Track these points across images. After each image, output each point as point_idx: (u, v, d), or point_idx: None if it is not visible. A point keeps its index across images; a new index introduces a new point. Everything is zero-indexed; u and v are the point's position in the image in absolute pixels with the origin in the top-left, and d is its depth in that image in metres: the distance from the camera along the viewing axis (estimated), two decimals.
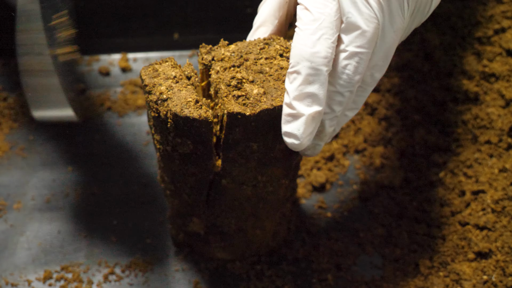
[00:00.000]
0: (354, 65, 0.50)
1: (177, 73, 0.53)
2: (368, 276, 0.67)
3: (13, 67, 0.88)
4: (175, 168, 0.56)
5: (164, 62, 0.54)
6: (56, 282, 0.66)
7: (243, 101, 0.51)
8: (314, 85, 0.49)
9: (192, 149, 0.53)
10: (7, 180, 0.75)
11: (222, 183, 0.57)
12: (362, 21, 0.48)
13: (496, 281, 0.62)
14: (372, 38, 0.49)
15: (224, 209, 0.60)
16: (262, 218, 0.63)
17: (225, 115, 0.51)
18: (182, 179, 0.57)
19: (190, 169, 0.55)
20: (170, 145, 0.54)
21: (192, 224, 0.64)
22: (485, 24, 0.77)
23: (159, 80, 0.52)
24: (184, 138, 0.52)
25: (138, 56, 0.91)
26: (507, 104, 0.72)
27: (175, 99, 0.51)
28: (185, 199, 0.60)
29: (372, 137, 0.78)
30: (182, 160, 0.55)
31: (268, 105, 0.50)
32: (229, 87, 0.51)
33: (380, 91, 0.81)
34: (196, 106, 0.51)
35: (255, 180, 0.57)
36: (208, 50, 0.55)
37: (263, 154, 0.54)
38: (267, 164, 0.56)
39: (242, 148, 0.53)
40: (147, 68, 0.54)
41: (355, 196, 0.74)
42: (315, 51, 0.48)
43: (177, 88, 0.52)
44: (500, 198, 0.66)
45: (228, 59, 0.53)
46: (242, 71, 0.52)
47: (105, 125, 0.82)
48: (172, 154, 0.54)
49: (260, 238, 0.66)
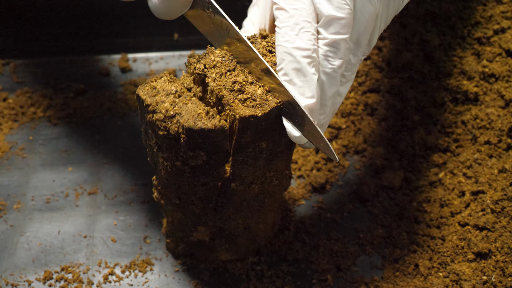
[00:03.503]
0: (333, 51, 0.51)
1: (177, 87, 0.52)
2: (368, 277, 0.67)
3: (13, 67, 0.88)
4: (184, 182, 0.56)
5: (159, 78, 0.53)
6: (56, 283, 0.66)
7: (250, 103, 0.50)
8: (302, 78, 0.50)
9: (205, 159, 0.52)
10: (7, 180, 0.75)
11: (231, 187, 0.56)
12: (333, 9, 0.51)
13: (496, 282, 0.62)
14: (347, 23, 0.51)
15: (233, 212, 0.60)
16: (266, 212, 0.63)
17: (236, 121, 0.50)
18: (191, 191, 0.57)
19: (201, 179, 0.55)
20: (180, 160, 0.53)
21: (196, 234, 0.64)
22: (484, 25, 0.77)
23: (160, 97, 0.51)
24: (197, 150, 0.51)
25: (138, 56, 0.91)
26: (506, 105, 0.72)
27: (184, 113, 0.50)
28: (192, 210, 0.60)
29: (372, 138, 0.78)
30: (193, 172, 0.54)
31: (276, 102, 0.51)
32: (233, 92, 0.51)
33: (380, 91, 0.81)
34: (208, 116, 0.50)
35: (263, 177, 0.57)
36: (198, 59, 0.54)
37: (271, 150, 0.54)
38: (273, 159, 0.56)
39: (252, 149, 0.53)
40: (143, 87, 0.52)
41: (355, 197, 0.74)
42: (296, 45, 0.50)
43: (182, 102, 0.51)
44: (499, 198, 0.66)
45: (220, 64, 0.53)
46: (240, 74, 0.52)
47: (105, 125, 0.82)
48: (182, 168, 0.54)
49: (263, 232, 0.66)
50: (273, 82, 0.51)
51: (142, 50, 0.91)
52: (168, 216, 0.64)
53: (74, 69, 0.89)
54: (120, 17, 0.89)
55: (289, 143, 0.55)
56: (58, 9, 0.88)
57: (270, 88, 0.51)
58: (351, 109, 0.80)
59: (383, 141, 0.78)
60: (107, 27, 0.90)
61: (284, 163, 0.58)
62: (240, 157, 0.53)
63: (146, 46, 0.91)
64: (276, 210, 0.66)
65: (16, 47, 0.90)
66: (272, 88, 0.51)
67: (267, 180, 0.58)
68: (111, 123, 0.82)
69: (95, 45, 0.90)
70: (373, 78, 0.81)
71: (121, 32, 0.90)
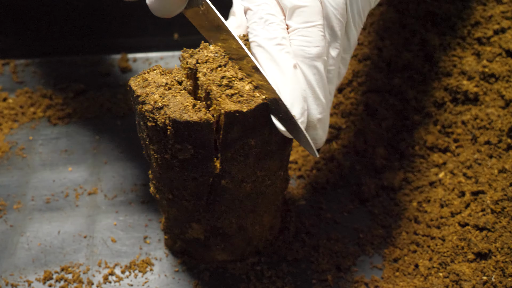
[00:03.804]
0: (307, 40, 0.52)
1: (167, 80, 0.53)
2: (368, 277, 0.67)
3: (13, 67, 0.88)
4: (175, 175, 0.56)
5: (152, 70, 0.54)
6: (56, 283, 0.66)
7: (237, 98, 0.51)
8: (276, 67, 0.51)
9: (192, 153, 0.53)
10: (7, 180, 0.75)
11: (222, 184, 0.57)
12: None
13: (496, 282, 0.62)
14: (313, 11, 0.52)
15: (225, 210, 0.60)
16: (261, 213, 0.63)
17: (222, 115, 0.51)
18: (182, 185, 0.57)
19: (191, 174, 0.55)
20: (169, 153, 0.53)
21: (191, 231, 0.64)
22: (484, 25, 0.77)
23: (150, 89, 0.52)
24: (184, 143, 0.52)
25: (138, 56, 0.91)
26: (506, 105, 0.72)
27: (172, 105, 0.51)
28: (185, 205, 0.60)
29: (372, 138, 0.78)
30: (182, 166, 0.55)
31: (262, 99, 0.51)
32: (221, 87, 0.52)
33: (380, 91, 0.81)
34: (194, 109, 0.51)
35: (254, 176, 0.57)
36: (191, 54, 0.54)
37: (261, 149, 0.55)
38: (264, 158, 0.56)
39: (240, 146, 0.53)
40: (135, 78, 0.53)
41: (355, 197, 0.74)
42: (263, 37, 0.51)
43: (171, 94, 0.52)
44: (499, 198, 0.66)
45: (212, 60, 0.54)
46: (230, 70, 0.53)
47: (105, 125, 0.82)
48: (171, 161, 0.54)
49: (259, 233, 0.66)
50: (261, 79, 0.52)
51: (142, 50, 0.91)
52: (164, 212, 0.64)
53: (74, 69, 0.89)
54: (120, 17, 0.89)
55: (282, 143, 0.56)
56: (58, 9, 0.88)
57: (258, 84, 0.52)
58: (351, 109, 0.80)
59: (383, 141, 0.78)
60: (107, 27, 0.90)
61: (277, 163, 0.58)
62: (228, 154, 0.54)
63: (146, 46, 0.91)
64: (274, 213, 0.66)
65: (16, 47, 0.90)
66: (260, 85, 0.52)
67: (258, 179, 0.58)
68: (111, 123, 0.82)
69: (95, 45, 0.90)
70: (373, 78, 0.81)
71: (121, 32, 0.90)
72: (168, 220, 0.65)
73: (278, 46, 0.51)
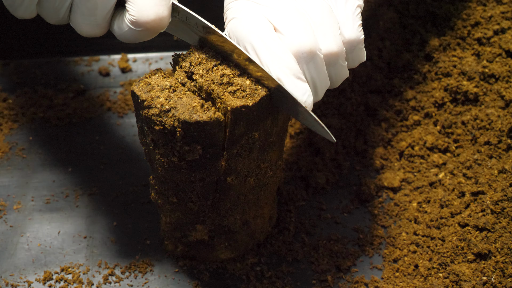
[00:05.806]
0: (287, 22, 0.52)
1: (171, 82, 0.53)
2: (367, 277, 0.67)
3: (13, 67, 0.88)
4: (181, 178, 0.56)
5: (153, 74, 0.54)
6: (56, 283, 0.66)
7: (240, 94, 0.51)
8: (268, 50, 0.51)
9: (201, 153, 0.53)
10: (7, 181, 0.75)
11: (227, 181, 0.57)
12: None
13: (496, 282, 0.62)
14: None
15: (230, 207, 0.60)
16: (262, 205, 0.63)
17: (228, 113, 0.51)
18: (188, 187, 0.57)
19: (198, 175, 0.55)
20: (176, 155, 0.53)
21: (195, 233, 0.64)
22: (484, 25, 0.77)
23: (155, 92, 0.52)
24: (193, 144, 0.52)
25: (138, 56, 0.91)
26: (506, 105, 0.72)
27: (179, 107, 0.51)
28: (190, 207, 0.60)
29: (372, 138, 0.78)
30: (190, 167, 0.54)
31: (265, 91, 0.51)
32: (222, 85, 0.52)
33: (380, 92, 0.81)
34: (203, 109, 0.51)
35: (258, 169, 0.57)
36: (183, 58, 0.54)
37: (263, 141, 0.55)
38: (267, 150, 0.56)
39: (245, 140, 0.54)
40: (138, 83, 0.53)
41: (355, 197, 0.74)
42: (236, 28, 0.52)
43: (177, 96, 0.52)
44: (499, 199, 0.66)
45: (205, 61, 0.53)
46: (227, 68, 0.53)
47: (105, 126, 0.82)
48: (178, 164, 0.54)
49: (261, 226, 0.66)
50: (258, 69, 0.52)
51: (142, 50, 0.91)
52: (166, 217, 0.64)
53: (74, 69, 0.89)
54: None
55: (280, 132, 0.56)
56: None
57: (257, 76, 0.52)
58: (351, 110, 0.80)
59: (383, 141, 0.78)
60: None
61: (277, 153, 0.59)
62: (234, 150, 0.54)
63: (146, 46, 0.91)
64: (272, 203, 0.66)
65: (16, 47, 0.90)
66: (259, 77, 0.52)
67: (261, 172, 0.58)
68: (111, 123, 0.82)
69: (95, 45, 0.90)
70: (373, 78, 0.81)
71: None
72: (169, 224, 0.65)
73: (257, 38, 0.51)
